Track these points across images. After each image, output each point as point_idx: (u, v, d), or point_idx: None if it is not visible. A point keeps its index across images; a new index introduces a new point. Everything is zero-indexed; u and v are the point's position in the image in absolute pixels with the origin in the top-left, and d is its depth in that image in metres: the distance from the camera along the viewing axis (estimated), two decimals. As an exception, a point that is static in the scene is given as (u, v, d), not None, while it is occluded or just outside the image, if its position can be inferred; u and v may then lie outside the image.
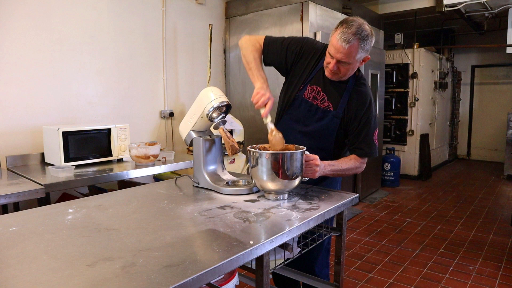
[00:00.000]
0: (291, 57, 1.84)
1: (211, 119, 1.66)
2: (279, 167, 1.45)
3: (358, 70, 1.79)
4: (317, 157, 1.58)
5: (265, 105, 1.61)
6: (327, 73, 1.72)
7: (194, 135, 1.72)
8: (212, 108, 1.63)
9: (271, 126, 1.60)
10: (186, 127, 1.75)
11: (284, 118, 1.88)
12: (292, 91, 1.84)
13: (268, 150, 1.53)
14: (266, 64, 1.89)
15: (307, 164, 1.56)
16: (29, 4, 2.66)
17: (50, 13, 2.78)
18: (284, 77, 1.93)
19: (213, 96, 1.64)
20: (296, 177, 1.49)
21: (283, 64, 1.87)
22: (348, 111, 1.75)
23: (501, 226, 3.95)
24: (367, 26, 1.61)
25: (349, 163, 1.75)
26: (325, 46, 1.80)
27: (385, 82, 5.61)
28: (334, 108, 1.76)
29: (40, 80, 2.76)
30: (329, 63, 1.67)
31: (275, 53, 1.87)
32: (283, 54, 1.85)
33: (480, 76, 8.01)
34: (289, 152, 1.48)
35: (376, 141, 1.82)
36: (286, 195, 1.54)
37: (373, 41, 1.65)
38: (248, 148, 1.55)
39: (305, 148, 1.54)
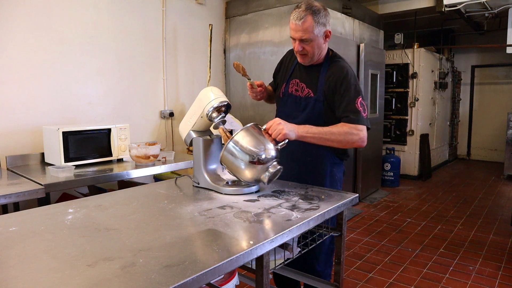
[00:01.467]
0: (278, 69, 2.06)
1: (210, 119, 1.66)
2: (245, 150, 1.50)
3: (331, 50, 1.86)
4: (277, 118, 1.63)
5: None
6: (299, 59, 1.82)
7: (194, 135, 1.72)
8: (212, 108, 1.63)
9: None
10: (186, 127, 1.76)
11: (277, 116, 1.92)
12: (279, 91, 1.96)
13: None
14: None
15: (270, 128, 1.59)
16: (29, 4, 2.66)
17: (50, 13, 2.78)
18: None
19: (213, 96, 1.64)
20: (264, 149, 1.52)
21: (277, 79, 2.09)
22: (328, 90, 1.76)
23: (501, 226, 3.95)
24: (317, 3, 1.70)
25: (335, 127, 1.66)
26: None
27: (385, 82, 5.61)
28: (314, 93, 1.80)
29: (40, 80, 2.76)
30: (295, 47, 1.76)
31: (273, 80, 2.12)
32: (276, 75, 2.08)
33: (480, 76, 8.01)
34: (238, 131, 1.54)
35: (360, 108, 1.69)
36: (253, 188, 1.60)
37: (329, 16, 1.72)
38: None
39: (253, 123, 1.59)
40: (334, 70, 1.78)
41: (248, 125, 1.59)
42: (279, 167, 1.54)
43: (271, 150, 1.53)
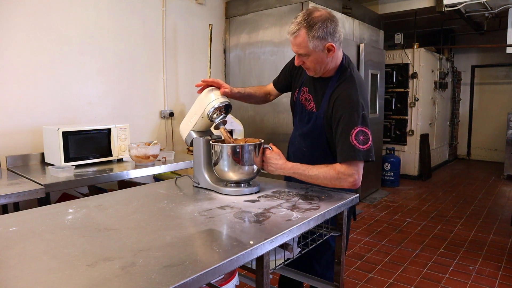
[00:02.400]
0: (289, 72, 1.92)
1: (211, 119, 1.66)
2: (238, 159, 1.56)
3: (347, 58, 1.71)
4: (277, 153, 1.63)
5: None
6: (307, 72, 1.72)
7: (194, 135, 1.72)
8: (213, 109, 1.63)
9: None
10: (186, 127, 1.76)
11: (294, 122, 1.92)
12: (293, 95, 1.89)
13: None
14: (281, 90, 1.99)
15: (266, 158, 1.62)
16: (29, 4, 2.66)
17: (50, 13, 2.78)
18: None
19: (214, 97, 1.65)
20: (251, 166, 1.59)
21: (289, 82, 1.94)
22: (330, 110, 1.61)
23: (501, 226, 3.95)
24: (318, 13, 1.51)
25: (320, 169, 1.54)
26: None
27: (385, 82, 5.61)
28: (316, 109, 1.69)
29: (40, 80, 2.76)
30: (296, 64, 1.67)
31: (283, 77, 1.97)
32: (287, 74, 1.93)
33: (480, 76, 8.01)
34: (245, 144, 1.58)
35: (355, 141, 1.48)
36: (253, 188, 1.63)
37: (331, 26, 1.51)
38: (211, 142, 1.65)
39: (262, 141, 1.62)
40: (338, 91, 1.61)
41: (260, 142, 1.64)
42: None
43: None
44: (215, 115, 1.65)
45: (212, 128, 1.80)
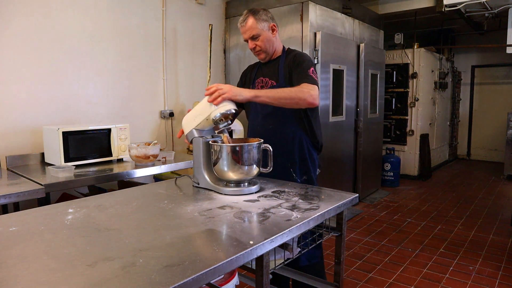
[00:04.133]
0: (242, 82, 2.22)
1: (216, 124, 1.66)
2: (238, 158, 1.57)
3: (288, 48, 2.09)
4: (218, 84, 1.70)
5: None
6: (257, 57, 2.07)
7: (196, 134, 1.72)
8: (219, 114, 1.62)
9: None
10: (189, 124, 1.74)
11: (249, 118, 2.11)
12: None
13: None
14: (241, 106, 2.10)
15: (208, 93, 1.63)
16: (29, 4, 2.66)
17: (50, 13, 2.78)
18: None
19: (222, 102, 1.63)
20: (251, 166, 1.60)
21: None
22: (288, 74, 1.94)
23: (501, 226, 3.95)
24: (257, 8, 2.00)
25: (290, 89, 1.80)
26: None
27: (385, 82, 5.61)
28: (276, 82, 1.97)
29: (40, 80, 2.76)
30: (249, 46, 2.00)
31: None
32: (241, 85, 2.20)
33: (480, 76, 8.01)
34: (246, 144, 1.60)
35: (312, 74, 1.86)
36: (253, 188, 1.63)
37: (269, 14, 1.99)
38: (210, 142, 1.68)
39: (262, 141, 1.65)
40: (290, 56, 2.00)
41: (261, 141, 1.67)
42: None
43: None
44: (220, 121, 1.64)
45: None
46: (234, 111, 1.65)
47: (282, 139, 1.97)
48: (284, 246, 1.37)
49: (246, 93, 1.68)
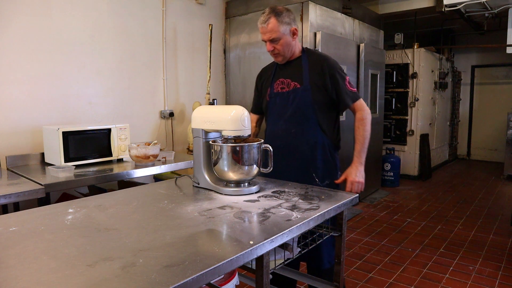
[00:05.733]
0: (258, 83, 2.19)
1: (225, 138, 1.65)
2: (238, 158, 1.58)
3: (306, 48, 2.04)
4: (353, 176, 1.90)
5: None
6: (274, 59, 2.01)
7: (200, 134, 1.71)
8: (231, 136, 1.62)
9: None
10: (199, 123, 1.71)
11: (269, 121, 2.07)
12: (265, 96, 2.07)
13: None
14: (261, 112, 2.20)
15: (352, 187, 1.89)
16: (29, 4, 2.66)
17: (50, 13, 2.78)
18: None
19: (236, 127, 1.59)
20: (251, 166, 1.61)
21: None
22: (314, 78, 1.92)
23: (501, 226, 3.95)
24: (280, 7, 1.92)
25: (358, 130, 1.93)
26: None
27: (385, 82, 5.61)
28: (300, 84, 1.93)
29: (40, 80, 2.76)
30: (267, 48, 1.94)
31: (257, 98, 2.21)
32: (258, 92, 2.19)
33: (480, 76, 8.00)
34: (246, 144, 1.59)
35: (350, 87, 1.93)
36: (253, 188, 1.63)
37: (292, 15, 1.93)
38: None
39: (262, 141, 1.66)
40: (315, 59, 1.96)
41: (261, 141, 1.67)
42: None
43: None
44: (229, 138, 1.64)
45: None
46: (244, 137, 1.63)
47: (305, 143, 1.94)
48: (284, 246, 1.37)
49: (362, 171, 1.92)
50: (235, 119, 1.59)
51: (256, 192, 1.63)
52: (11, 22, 2.59)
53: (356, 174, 1.89)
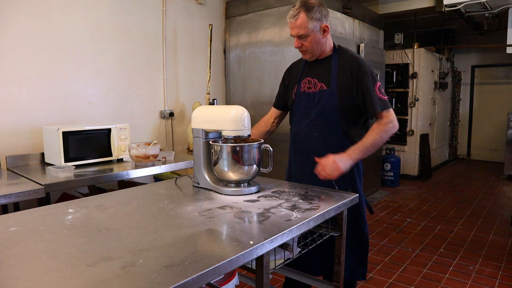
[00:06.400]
0: (286, 77, 2.05)
1: (225, 138, 1.65)
2: (238, 158, 1.57)
3: (338, 46, 1.89)
4: (331, 157, 1.64)
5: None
6: (302, 55, 1.87)
7: (200, 134, 1.71)
8: (232, 136, 1.62)
9: None
10: (199, 123, 1.71)
11: (293, 121, 1.96)
12: (291, 94, 1.95)
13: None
14: (284, 107, 2.07)
15: (322, 166, 1.64)
16: (29, 4, 2.66)
17: (50, 13, 2.78)
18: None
19: (236, 127, 1.60)
20: (251, 166, 1.60)
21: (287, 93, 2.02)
22: (342, 80, 1.78)
23: (501, 226, 3.95)
24: (313, 1, 1.75)
25: (373, 131, 1.74)
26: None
27: (385, 82, 5.61)
28: (327, 86, 1.80)
29: (40, 80, 2.76)
30: (296, 46, 1.81)
31: (282, 93, 2.06)
32: (283, 88, 2.05)
33: (480, 76, 8.01)
34: (246, 144, 1.58)
35: (380, 95, 1.76)
36: (253, 188, 1.63)
37: (325, 10, 1.77)
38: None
39: (262, 141, 1.64)
40: (346, 60, 1.81)
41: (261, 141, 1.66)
42: None
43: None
44: (229, 139, 1.64)
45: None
46: (243, 137, 1.63)
47: (327, 148, 1.77)
48: (284, 246, 1.37)
49: (348, 163, 1.66)
50: (235, 119, 1.59)
51: (256, 192, 1.63)
52: (11, 22, 2.59)
53: (339, 159, 1.64)
